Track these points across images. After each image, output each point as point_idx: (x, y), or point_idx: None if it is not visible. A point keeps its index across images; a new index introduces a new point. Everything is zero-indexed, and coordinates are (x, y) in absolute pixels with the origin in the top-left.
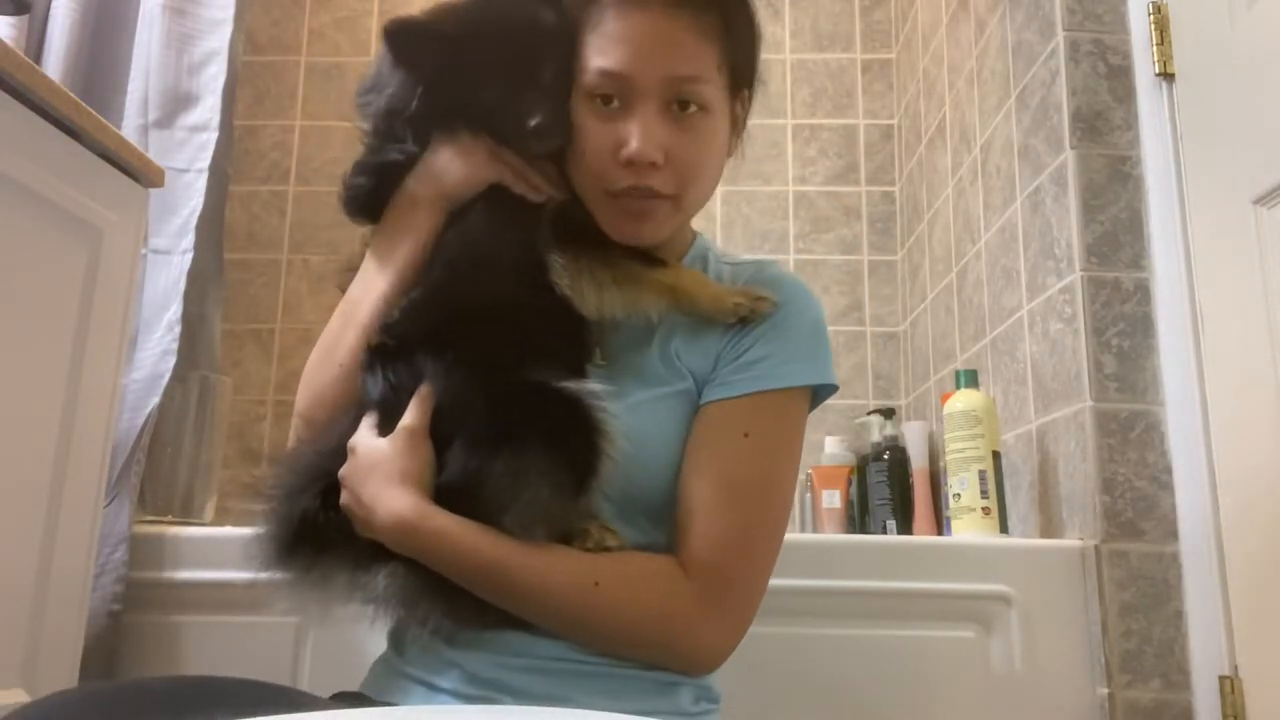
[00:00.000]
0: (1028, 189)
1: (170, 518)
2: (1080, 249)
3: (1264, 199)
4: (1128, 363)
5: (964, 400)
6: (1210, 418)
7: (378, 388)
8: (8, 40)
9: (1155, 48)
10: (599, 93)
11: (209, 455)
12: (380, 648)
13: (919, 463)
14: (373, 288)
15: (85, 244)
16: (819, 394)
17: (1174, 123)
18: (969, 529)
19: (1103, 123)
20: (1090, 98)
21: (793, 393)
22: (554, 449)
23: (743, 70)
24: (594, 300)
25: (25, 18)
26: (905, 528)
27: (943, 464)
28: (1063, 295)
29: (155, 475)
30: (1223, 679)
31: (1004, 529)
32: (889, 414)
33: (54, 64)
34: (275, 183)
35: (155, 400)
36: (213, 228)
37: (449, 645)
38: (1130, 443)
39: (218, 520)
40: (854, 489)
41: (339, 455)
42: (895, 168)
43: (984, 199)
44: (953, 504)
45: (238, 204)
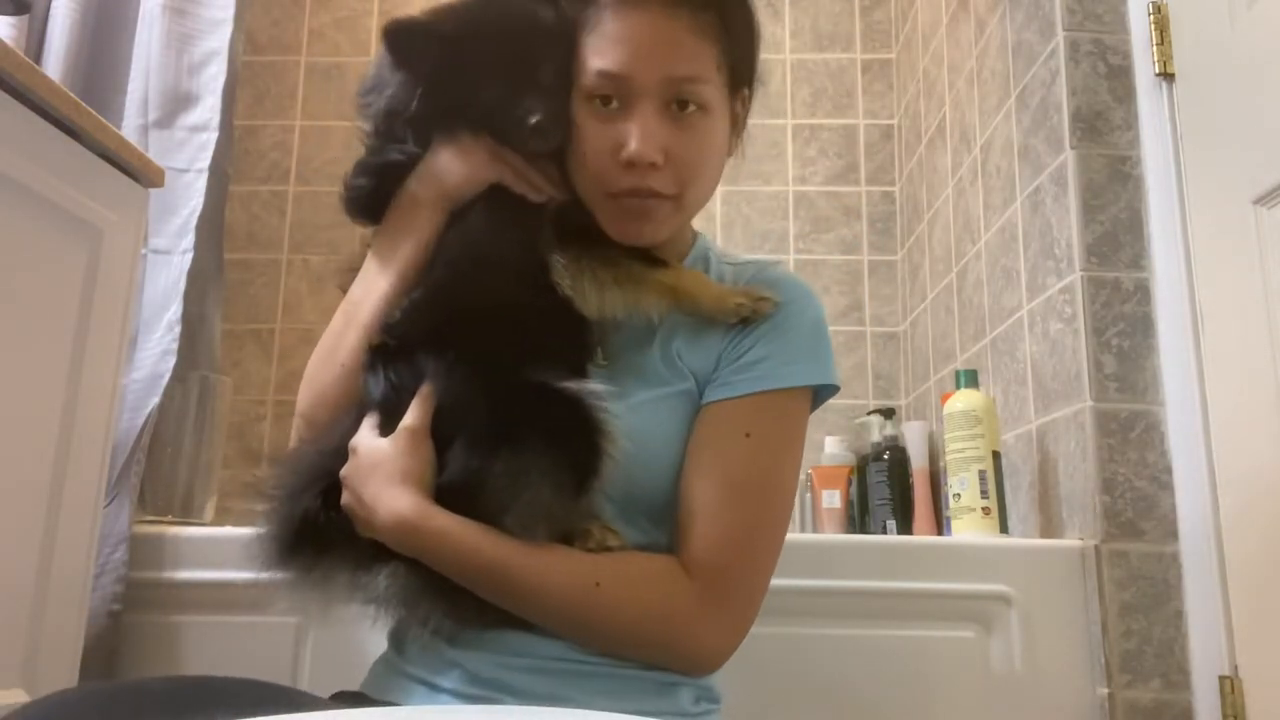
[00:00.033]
0: (1028, 189)
1: (170, 518)
2: (1080, 249)
3: (1264, 199)
4: (1128, 363)
5: (964, 400)
6: (1210, 418)
7: (379, 388)
8: (8, 40)
9: (1155, 48)
10: (598, 93)
11: (209, 455)
12: (380, 648)
13: (919, 463)
14: (374, 288)
15: (85, 244)
16: (820, 394)
17: (1174, 123)
18: (969, 529)
19: (1103, 123)
20: (1090, 98)
21: (794, 393)
22: (555, 449)
23: (742, 69)
24: (595, 300)
25: (25, 18)
26: (905, 528)
27: (943, 464)
28: (1063, 295)
29: (155, 475)
30: (1223, 679)
31: (1004, 529)
32: (889, 414)
33: (54, 64)
34: (275, 183)
35: (155, 400)
36: (213, 228)
37: (450, 645)
38: (1130, 443)
39: (218, 520)
40: (854, 489)
41: (340, 455)
42: (895, 168)
43: (984, 199)
44: (953, 504)
45: (238, 204)
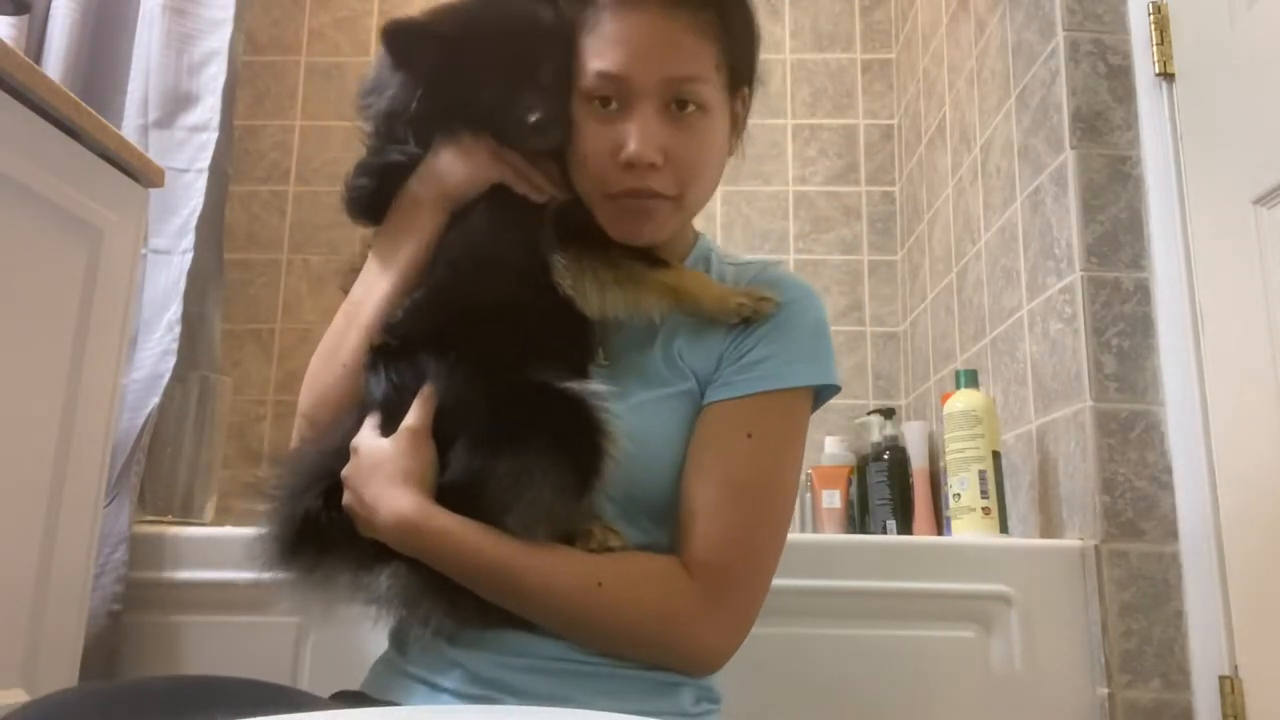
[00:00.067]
0: (1028, 189)
1: (170, 518)
2: (1080, 249)
3: (1264, 199)
4: (1128, 363)
5: (964, 400)
6: (1210, 418)
7: (381, 388)
8: (8, 40)
9: (1155, 48)
10: (597, 94)
11: (209, 455)
12: (380, 648)
13: (919, 463)
14: (375, 288)
15: (85, 244)
16: (822, 394)
17: (1174, 123)
18: (969, 529)
19: (1103, 123)
20: (1090, 98)
21: (796, 393)
22: (557, 449)
23: (741, 69)
24: (596, 300)
25: (25, 18)
26: (905, 528)
27: (943, 464)
28: (1063, 295)
29: (155, 475)
30: (1223, 679)
31: (1004, 529)
32: (889, 414)
33: (54, 64)
34: (275, 183)
35: (155, 400)
36: (213, 228)
37: (451, 645)
38: (1130, 443)
39: (218, 520)
40: (854, 489)
41: (342, 455)
42: (895, 168)
43: (984, 199)
44: (953, 504)
45: (238, 204)
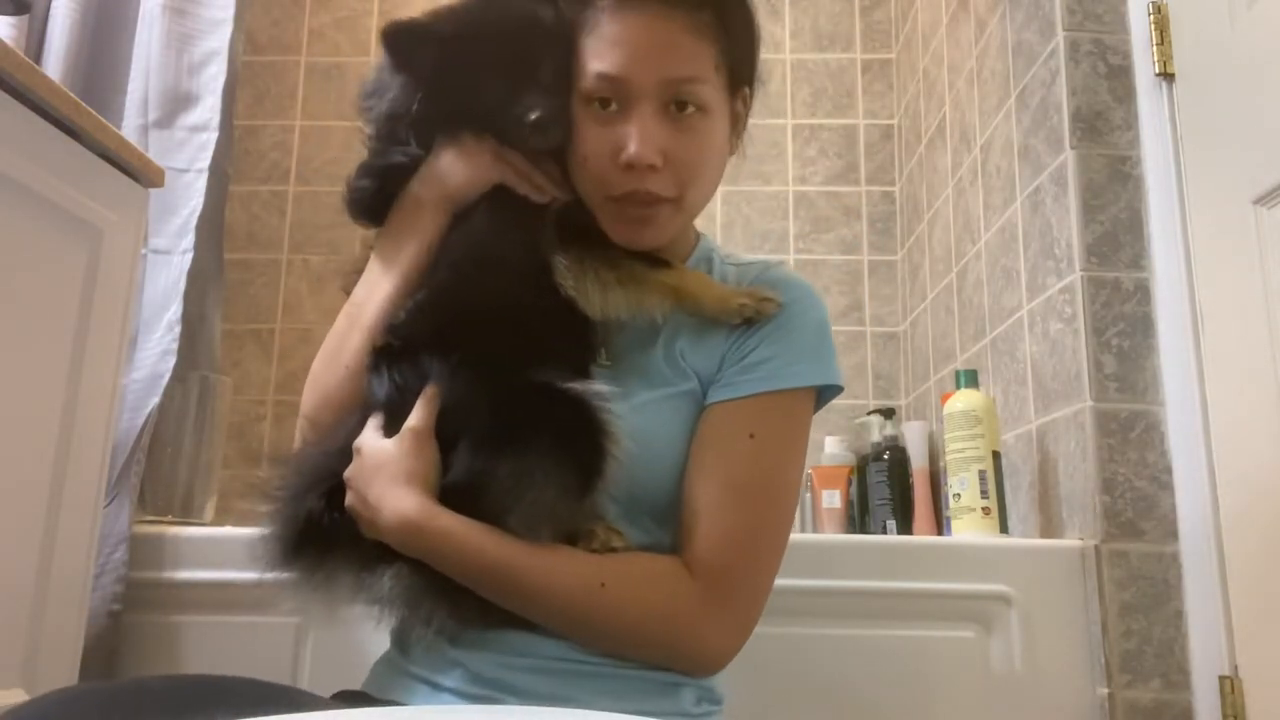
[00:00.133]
0: (1028, 189)
1: (170, 518)
2: (1080, 249)
3: (1264, 199)
4: (1128, 363)
5: (964, 400)
6: (1210, 418)
7: (383, 389)
8: (8, 40)
9: (1155, 48)
10: (597, 96)
11: (209, 455)
12: (380, 648)
13: (919, 463)
14: (377, 290)
15: (85, 244)
16: (824, 394)
17: (1174, 123)
18: (969, 529)
19: (1103, 123)
20: (1090, 98)
21: (798, 393)
22: (559, 450)
23: (741, 69)
24: (598, 301)
25: (25, 18)
26: (905, 528)
27: (943, 464)
28: (1063, 295)
29: (155, 475)
30: (1223, 679)
31: (1004, 529)
32: (889, 414)
33: (54, 64)
34: (275, 183)
35: (155, 400)
36: (213, 228)
37: (453, 645)
38: (1130, 443)
39: (218, 520)
40: (854, 489)
41: (345, 456)
42: (895, 168)
43: (984, 199)
44: (953, 504)
45: (238, 204)
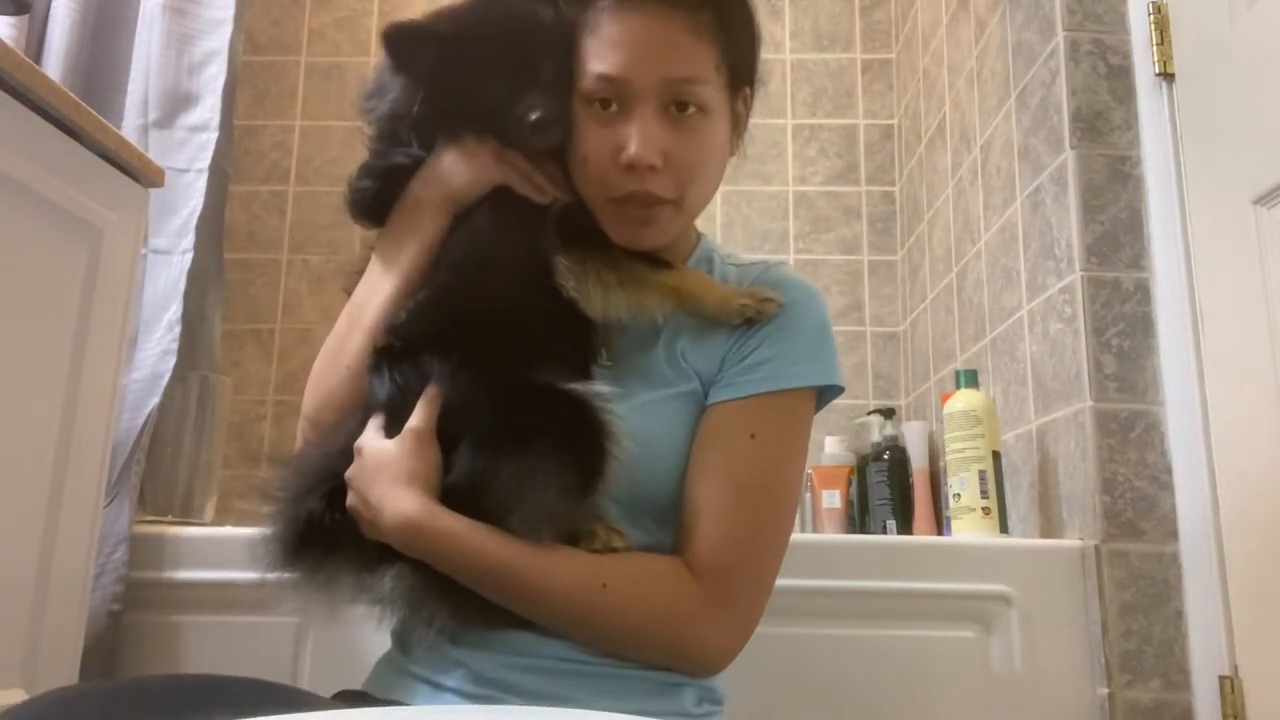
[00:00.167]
0: (1028, 189)
1: (170, 518)
2: (1080, 249)
3: (1264, 199)
4: (1128, 363)
5: (964, 400)
6: (1210, 418)
7: (384, 389)
8: (8, 40)
9: (1155, 48)
10: (597, 97)
11: (209, 455)
12: (380, 648)
13: (919, 463)
14: (379, 290)
15: (85, 244)
16: (825, 395)
17: (1174, 123)
18: (969, 529)
19: (1103, 123)
20: (1090, 98)
21: (799, 393)
22: (560, 450)
23: (742, 69)
24: (599, 302)
25: (25, 18)
26: (905, 528)
27: (943, 464)
28: (1063, 295)
29: (155, 475)
30: (1223, 679)
31: (1004, 529)
32: (889, 414)
33: (54, 64)
34: (275, 183)
35: (155, 400)
36: (213, 228)
37: (454, 645)
38: (1130, 443)
39: (218, 520)
40: (854, 489)
41: (346, 457)
42: (895, 168)
43: (984, 199)
44: (953, 504)
45: (238, 204)
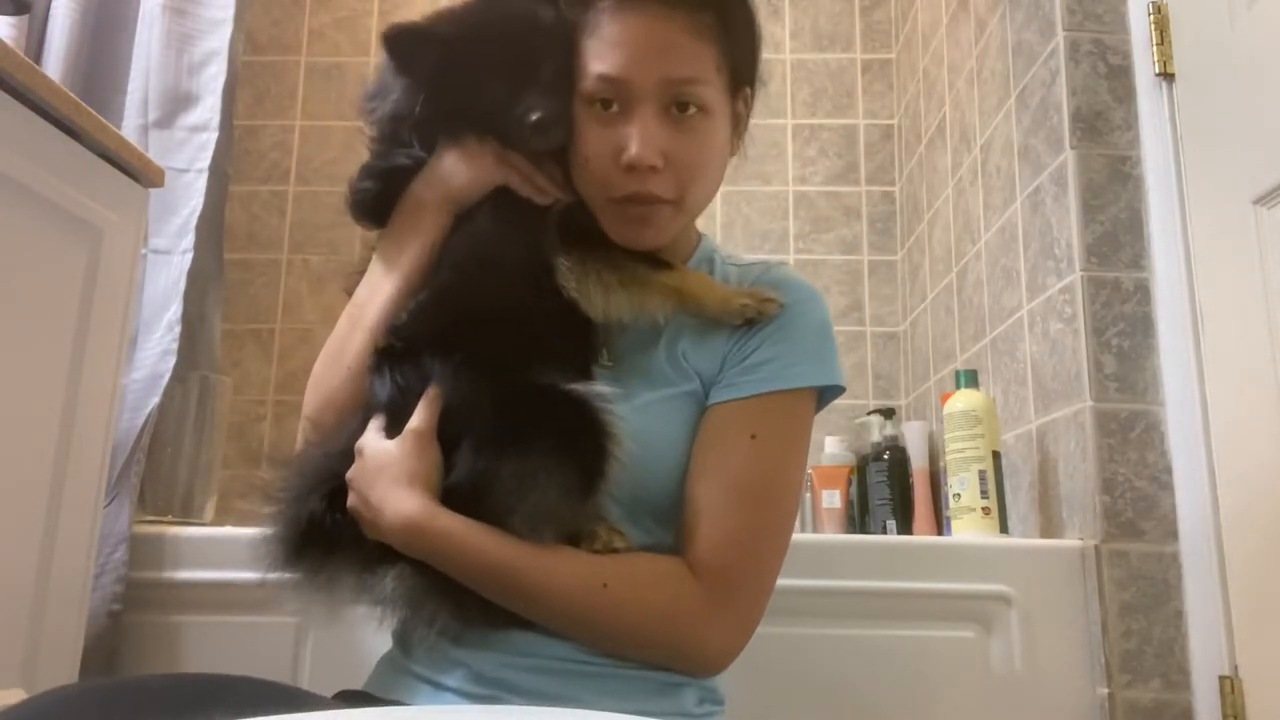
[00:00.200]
0: (1028, 189)
1: (170, 518)
2: (1080, 249)
3: (1264, 199)
4: (1128, 363)
5: (964, 400)
6: (1210, 418)
7: (385, 390)
8: (8, 40)
9: (1155, 48)
10: (598, 97)
11: (209, 455)
12: (380, 648)
13: (919, 463)
14: (380, 290)
15: (85, 244)
16: (825, 395)
17: (1174, 123)
18: (969, 529)
19: (1103, 123)
20: (1090, 98)
21: (799, 394)
22: (561, 451)
23: (743, 70)
24: (600, 303)
25: (25, 18)
26: (905, 528)
27: (943, 464)
28: (1063, 295)
29: (155, 475)
30: (1223, 679)
31: (1004, 529)
32: (889, 414)
33: (54, 64)
34: (275, 183)
35: (155, 400)
36: (213, 228)
37: (455, 645)
38: (1130, 443)
39: (218, 520)
40: (854, 489)
41: (347, 457)
42: (895, 168)
43: (984, 199)
44: (953, 504)
45: (238, 204)
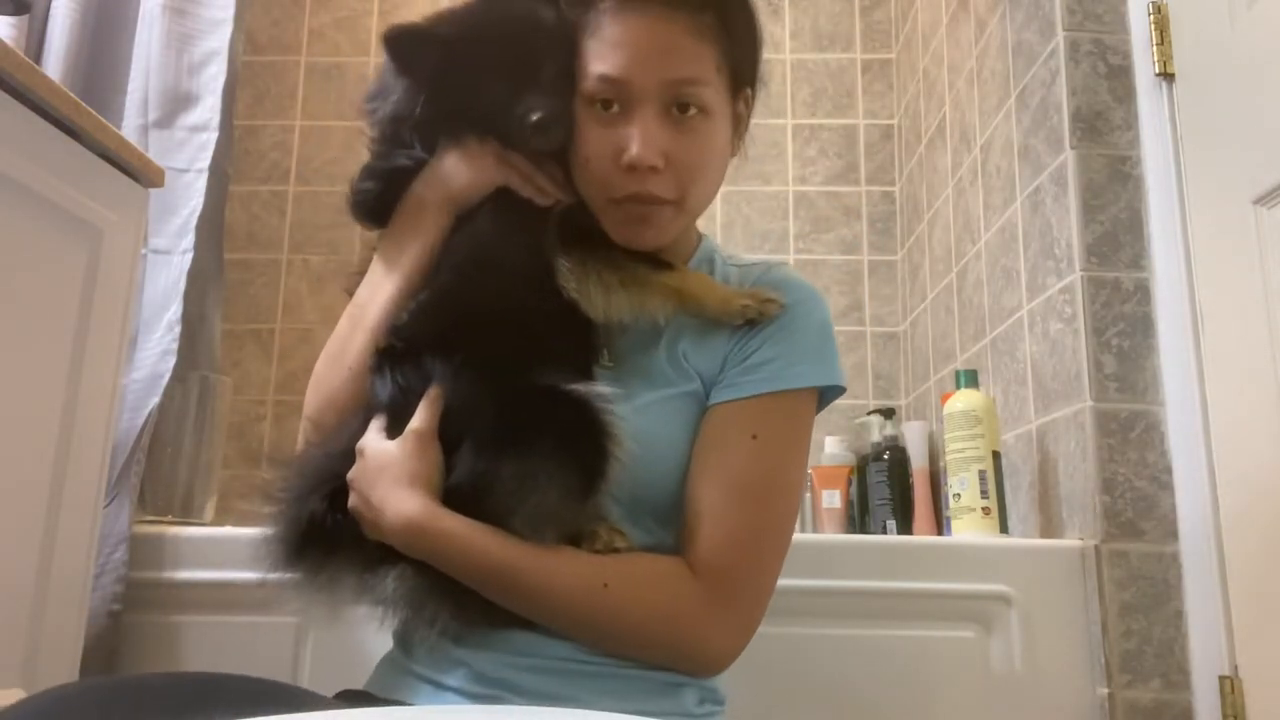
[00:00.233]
0: (1028, 189)
1: (170, 518)
2: (1080, 249)
3: (1264, 199)
4: (1128, 363)
5: (964, 400)
6: (1210, 418)
7: (386, 390)
8: (8, 40)
9: (1155, 48)
10: (599, 98)
11: (209, 455)
12: (380, 648)
13: (919, 463)
14: (380, 291)
15: (85, 244)
16: (826, 395)
17: (1174, 123)
18: (969, 529)
19: (1103, 123)
20: (1090, 98)
21: (800, 394)
22: (562, 451)
23: (744, 70)
24: (601, 304)
25: (25, 18)
26: (905, 528)
27: (943, 464)
28: (1063, 295)
29: (155, 475)
30: (1223, 679)
31: (1004, 529)
32: (889, 414)
33: (54, 64)
34: (275, 183)
35: (155, 400)
36: (213, 228)
37: (456, 645)
38: (1130, 443)
39: (218, 520)
40: (854, 489)
41: (348, 458)
42: (895, 168)
43: (984, 199)
44: (953, 504)
45: (238, 204)
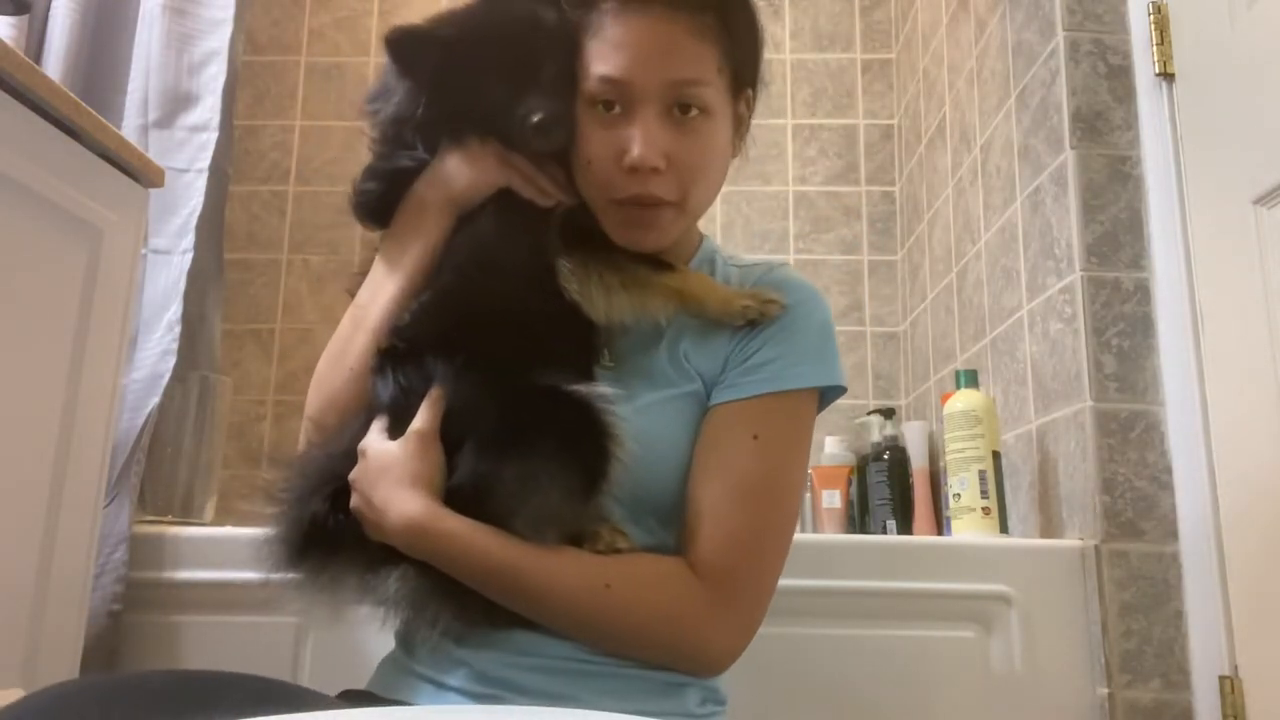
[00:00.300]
0: (1028, 189)
1: (170, 518)
2: (1080, 249)
3: (1264, 199)
4: (1128, 363)
5: (964, 400)
6: (1210, 418)
7: (388, 391)
8: (8, 40)
9: (1155, 48)
10: (600, 99)
11: (209, 455)
12: (380, 647)
13: (919, 463)
14: (382, 291)
15: (85, 244)
16: (827, 395)
17: (1174, 123)
18: (969, 529)
19: (1103, 123)
20: (1090, 98)
21: (801, 394)
22: (564, 452)
23: (745, 71)
24: (602, 305)
25: (25, 18)
26: (905, 528)
27: (943, 464)
28: (1063, 295)
29: (155, 475)
30: (1223, 679)
31: (1004, 529)
32: (889, 414)
33: (54, 64)
34: (275, 183)
35: (155, 400)
36: (213, 228)
37: (458, 645)
38: (1130, 443)
39: (218, 520)
40: (854, 489)
41: (349, 458)
42: (895, 168)
43: (984, 199)
44: (953, 504)
45: (238, 204)
